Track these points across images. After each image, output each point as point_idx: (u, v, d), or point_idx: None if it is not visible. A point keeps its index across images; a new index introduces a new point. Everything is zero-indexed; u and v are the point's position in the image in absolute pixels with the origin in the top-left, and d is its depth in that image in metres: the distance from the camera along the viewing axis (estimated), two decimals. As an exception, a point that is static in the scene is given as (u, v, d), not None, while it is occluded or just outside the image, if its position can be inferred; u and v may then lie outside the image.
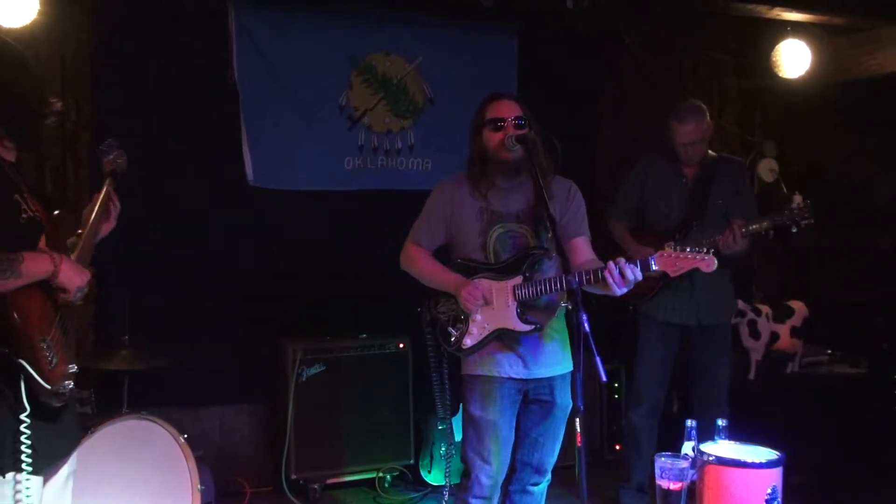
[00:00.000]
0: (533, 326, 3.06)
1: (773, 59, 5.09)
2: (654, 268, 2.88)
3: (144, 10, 4.37)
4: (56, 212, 2.50)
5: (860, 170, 6.18)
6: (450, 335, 3.13)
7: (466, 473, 3.16)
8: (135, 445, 3.43)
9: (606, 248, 4.23)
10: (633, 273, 2.85)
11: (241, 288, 4.72)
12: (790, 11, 4.78)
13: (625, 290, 2.89)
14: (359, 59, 4.99)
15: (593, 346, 2.63)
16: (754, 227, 3.94)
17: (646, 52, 5.45)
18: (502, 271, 3.09)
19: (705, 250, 2.89)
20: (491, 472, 3.11)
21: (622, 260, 2.88)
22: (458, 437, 3.95)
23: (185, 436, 3.55)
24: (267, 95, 4.72)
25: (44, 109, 2.59)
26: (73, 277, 2.36)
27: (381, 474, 4.68)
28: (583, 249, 3.16)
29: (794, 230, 3.87)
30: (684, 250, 2.87)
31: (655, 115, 5.68)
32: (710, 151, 4.27)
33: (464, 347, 3.10)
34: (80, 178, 4.14)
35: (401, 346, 4.70)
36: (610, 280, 2.86)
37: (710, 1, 4.80)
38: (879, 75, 5.23)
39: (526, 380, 3.12)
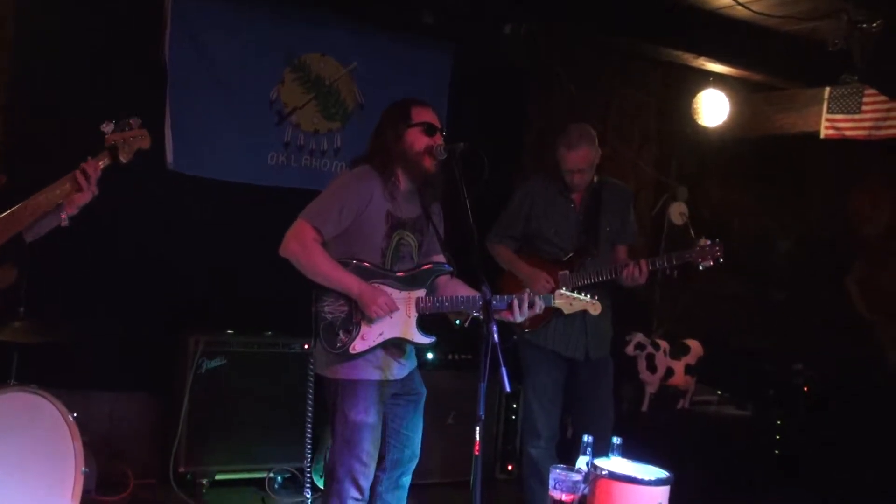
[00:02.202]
0: (433, 339, 3.14)
1: (694, 106, 5.32)
2: (553, 304, 3.16)
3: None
4: None
5: (761, 223, 6.49)
6: (337, 337, 3.03)
7: (339, 479, 3.05)
8: (20, 418, 3.29)
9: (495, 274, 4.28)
10: (539, 306, 3.08)
11: (147, 272, 4.60)
12: (714, 63, 5.01)
13: (522, 318, 3.09)
14: (293, 57, 4.97)
15: (501, 357, 2.70)
16: (661, 262, 3.84)
17: (575, 86, 5.60)
18: (405, 282, 3.10)
19: (595, 297, 3.25)
20: (370, 474, 3.09)
21: (527, 292, 3.07)
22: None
23: (75, 414, 3.44)
24: (196, 81, 4.65)
25: None
26: None
27: (271, 475, 4.61)
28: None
29: (701, 268, 3.79)
30: (573, 292, 3.21)
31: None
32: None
33: (352, 351, 3.03)
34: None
35: (305, 346, 4.66)
36: (516, 307, 3.04)
37: (638, 43, 4.99)
38: (789, 134, 5.50)
39: (397, 380, 3.16)
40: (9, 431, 3.28)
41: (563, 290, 3.20)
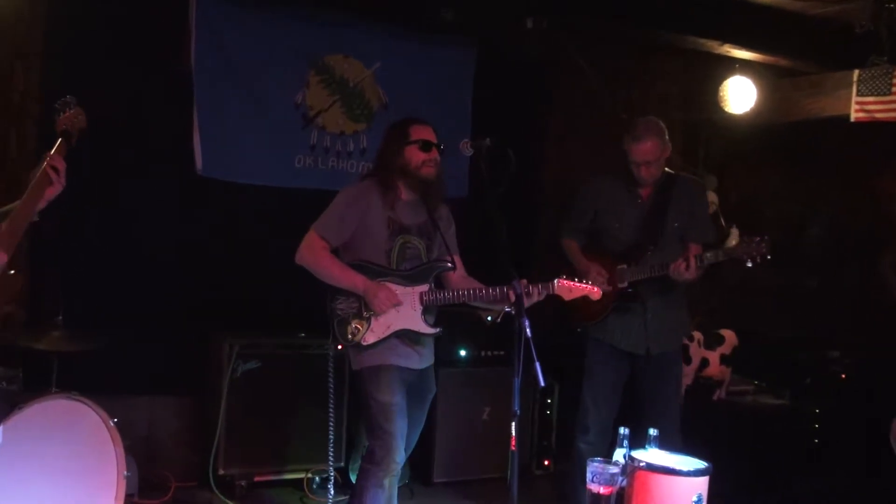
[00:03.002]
0: (438, 330, 3.44)
1: (720, 94, 5.26)
2: (553, 291, 3.34)
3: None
4: None
5: (792, 209, 6.41)
6: (349, 331, 3.35)
7: (377, 457, 3.29)
8: (63, 425, 3.36)
9: (558, 265, 4.29)
10: (536, 295, 3.26)
11: (181, 278, 4.66)
12: (740, 49, 4.96)
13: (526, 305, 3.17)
14: (317, 60, 5.00)
15: (534, 352, 2.72)
16: (710, 257, 3.80)
17: (597, 79, 5.58)
18: (409, 278, 3.40)
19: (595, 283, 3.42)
20: (402, 448, 3.34)
21: (524, 281, 3.19)
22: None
23: (115, 420, 3.49)
24: (222, 86, 4.69)
25: None
26: None
27: (309, 475, 4.64)
28: (460, 265, 3.57)
29: (749, 264, 3.72)
30: (574, 279, 3.38)
31: (602, 141, 5.85)
32: (667, 169, 4.09)
33: (364, 343, 3.34)
34: (26, 152, 4.04)
35: (339, 347, 4.67)
36: (514, 297, 3.13)
37: (662, 33, 4.95)
38: (818, 119, 5.43)
39: (415, 370, 3.44)
40: (52, 438, 3.34)
41: (563, 278, 3.36)
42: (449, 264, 3.48)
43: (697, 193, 4.17)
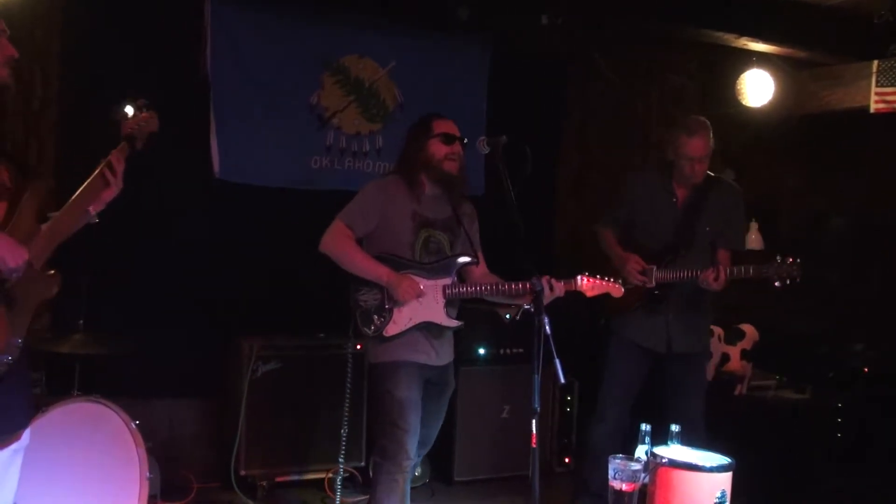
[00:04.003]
0: (460, 323, 3.47)
1: (738, 87, 5.22)
2: (576, 288, 3.37)
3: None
4: (35, 180, 2.42)
5: (812, 203, 6.35)
6: (372, 322, 3.36)
7: (389, 453, 3.31)
8: (85, 428, 3.39)
9: (577, 261, 4.27)
10: (560, 290, 3.27)
11: (200, 280, 4.67)
12: (757, 42, 4.92)
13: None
14: (332, 61, 5.01)
15: (553, 349, 2.71)
16: (739, 273, 3.79)
17: (614, 75, 5.55)
18: (432, 271, 3.41)
19: (617, 280, 3.42)
20: (415, 442, 3.36)
21: (547, 277, 3.20)
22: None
23: (137, 422, 3.51)
24: (238, 89, 4.71)
25: None
26: (5, 257, 2.24)
27: (330, 475, 4.65)
28: (482, 261, 3.59)
29: (778, 284, 3.73)
30: (596, 276, 3.40)
31: (619, 137, 5.83)
32: (708, 172, 4.05)
33: (386, 335, 3.35)
34: (44, 156, 4.08)
35: (358, 347, 4.68)
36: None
37: (678, 27, 4.92)
38: (837, 111, 5.38)
39: (432, 366, 3.44)
40: (76, 441, 3.37)
41: (586, 275, 3.38)
42: (472, 259, 3.49)
43: (736, 200, 4.12)
